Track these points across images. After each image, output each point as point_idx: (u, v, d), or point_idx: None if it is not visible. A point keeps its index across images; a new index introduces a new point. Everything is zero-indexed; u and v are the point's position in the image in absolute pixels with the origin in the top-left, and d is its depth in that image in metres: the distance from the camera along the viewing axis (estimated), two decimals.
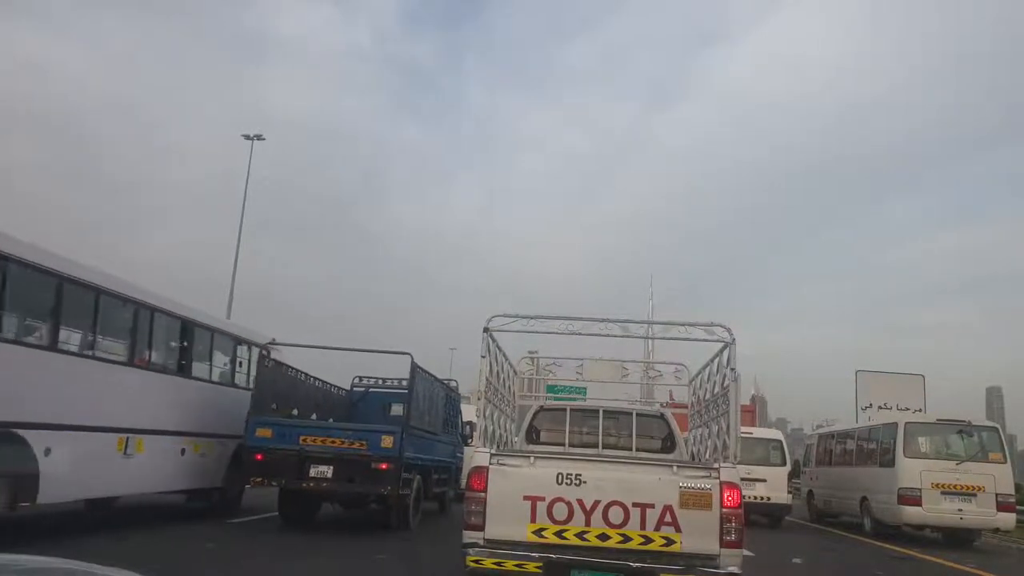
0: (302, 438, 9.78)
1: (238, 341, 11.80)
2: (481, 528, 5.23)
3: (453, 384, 14.71)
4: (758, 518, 15.05)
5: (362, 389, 14.30)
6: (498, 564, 5.13)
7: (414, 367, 10.58)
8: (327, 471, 9.68)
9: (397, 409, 12.14)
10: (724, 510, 5.15)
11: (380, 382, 14.22)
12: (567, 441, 8.26)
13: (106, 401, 8.38)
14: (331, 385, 13.69)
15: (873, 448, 15.26)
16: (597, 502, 5.20)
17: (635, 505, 5.18)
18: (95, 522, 9.46)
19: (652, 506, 5.17)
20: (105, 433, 8.29)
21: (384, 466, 9.64)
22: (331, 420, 12.19)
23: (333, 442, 9.80)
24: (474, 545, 5.21)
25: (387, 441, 9.73)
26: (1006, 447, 14.05)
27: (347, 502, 11.33)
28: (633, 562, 5.10)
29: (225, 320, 11.57)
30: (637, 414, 8.58)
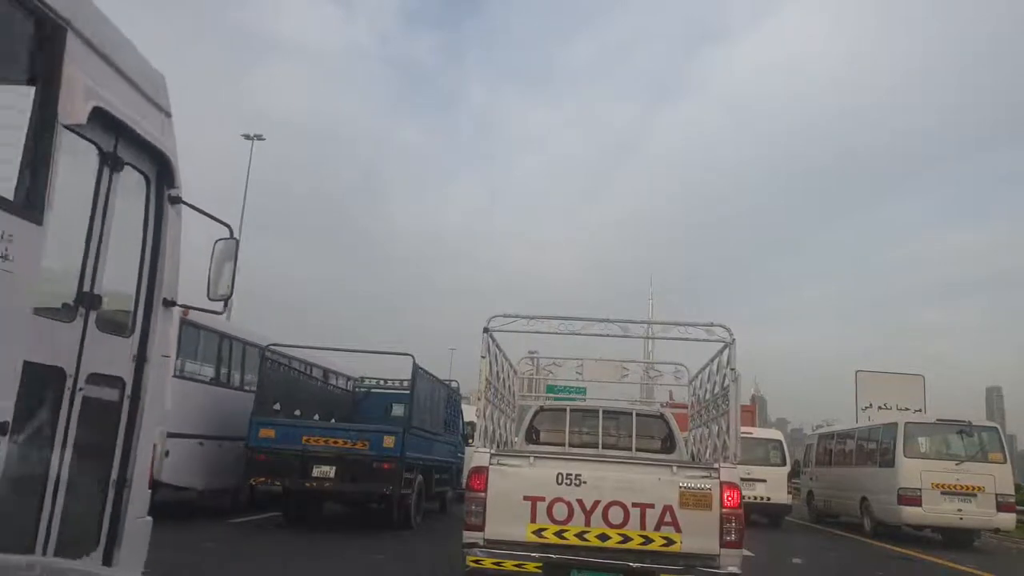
0: (305, 438, 9.83)
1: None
2: (481, 528, 5.24)
3: (454, 385, 14.72)
4: (758, 518, 15.04)
5: (364, 390, 14.33)
6: (498, 564, 5.14)
7: (415, 368, 10.68)
8: (330, 471, 9.77)
9: (398, 409, 12.29)
10: (724, 510, 5.16)
11: (382, 383, 14.27)
12: (567, 441, 8.25)
13: None
14: (333, 385, 13.73)
15: (873, 448, 15.26)
16: (597, 502, 5.21)
17: (635, 505, 5.19)
18: None
19: (652, 506, 5.18)
20: None
21: (386, 466, 9.73)
22: (333, 420, 12.23)
23: (335, 442, 9.91)
24: (474, 545, 5.22)
25: (389, 441, 9.82)
26: (1006, 447, 14.04)
27: (349, 502, 11.38)
28: (633, 562, 5.11)
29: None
30: (637, 414, 8.58)
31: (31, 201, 2.67)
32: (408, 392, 11.06)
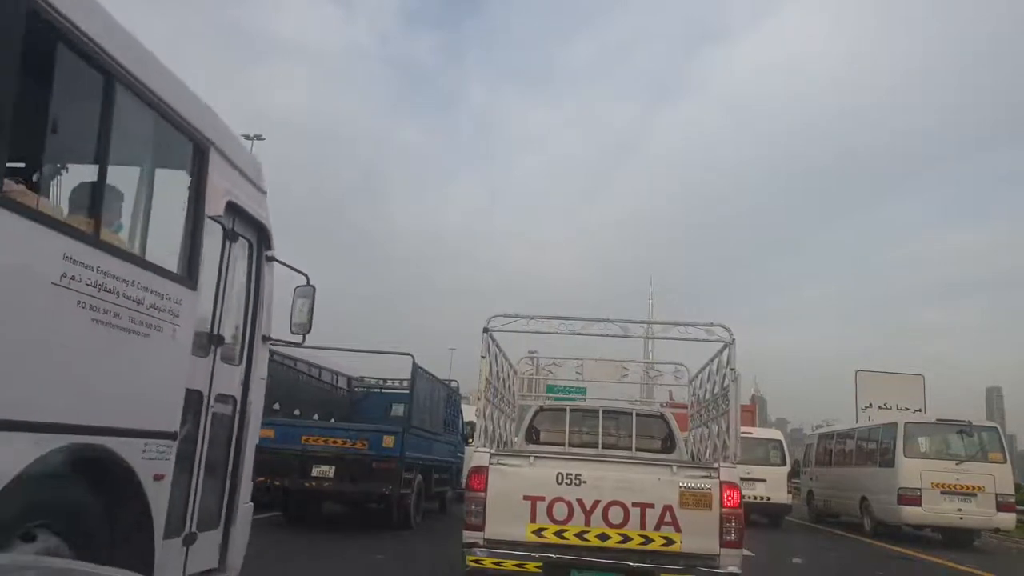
0: (304, 438, 9.80)
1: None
2: (481, 528, 5.24)
3: (454, 384, 14.72)
4: (758, 518, 15.04)
5: (364, 389, 14.33)
6: (498, 564, 5.14)
7: (415, 368, 10.66)
8: (329, 471, 9.70)
9: (398, 409, 12.22)
10: (724, 510, 5.16)
11: (382, 382, 14.25)
12: (567, 441, 8.25)
13: None
14: (333, 385, 13.74)
15: (873, 448, 15.25)
16: (597, 502, 5.21)
17: (635, 505, 5.19)
18: None
19: (652, 506, 5.18)
20: None
21: (385, 466, 9.71)
22: (332, 420, 12.25)
23: (335, 442, 9.86)
24: (474, 545, 5.22)
25: (388, 441, 9.81)
26: (1006, 447, 14.04)
27: (349, 502, 11.35)
28: (633, 562, 5.11)
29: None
30: (637, 414, 8.57)
31: (190, 273, 3.80)
32: (408, 392, 11.04)
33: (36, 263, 2.79)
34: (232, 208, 4.26)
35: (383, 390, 14.13)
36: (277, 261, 4.98)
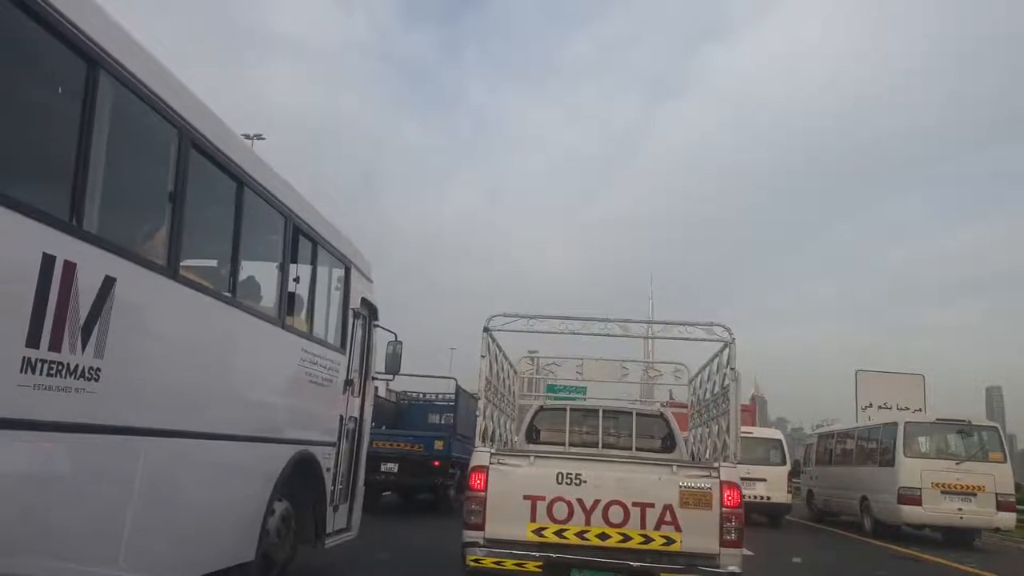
0: (375, 442, 11.02)
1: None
2: (481, 527, 5.24)
3: None
4: (758, 518, 15.04)
5: (407, 402, 16.89)
6: (498, 563, 5.14)
7: (458, 388, 13.81)
8: (394, 467, 12.34)
9: (435, 418, 15.05)
10: (724, 509, 5.16)
11: (421, 395, 16.74)
12: (567, 441, 8.25)
13: None
14: (383, 398, 15.30)
15: (873, 448, 15.25)
16: (597, 501, 5.21)
17: (635, 504, 5.19)
18: None
19: (652, 505, 5.18)
20: None
21: (437, 463, 12.51)
22: (383, 428, 13.84)
23: (398, 445, 12.53)
24: (474, 544, 5.22)
25: (439, 444, 12.57)
26: (1006, 447, 14.02)
27: (406, 491, 14.01)
28: (633, 561, 5.11)
29: None
30: (637, 414, 8.57)
31: (343, 344, 6.33)
32: (452, 405, 14.00)
33: (294, 354, 5.30)
34: (362, 300, 6.75)
35: (421, 402, 16.65)
36: (380, 327, 7.46)
